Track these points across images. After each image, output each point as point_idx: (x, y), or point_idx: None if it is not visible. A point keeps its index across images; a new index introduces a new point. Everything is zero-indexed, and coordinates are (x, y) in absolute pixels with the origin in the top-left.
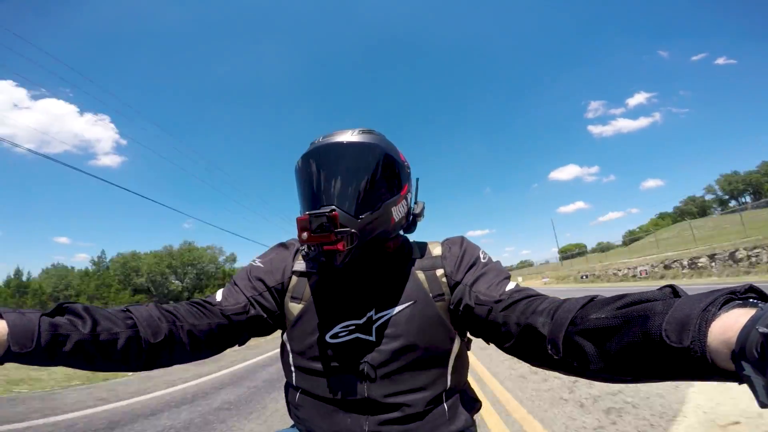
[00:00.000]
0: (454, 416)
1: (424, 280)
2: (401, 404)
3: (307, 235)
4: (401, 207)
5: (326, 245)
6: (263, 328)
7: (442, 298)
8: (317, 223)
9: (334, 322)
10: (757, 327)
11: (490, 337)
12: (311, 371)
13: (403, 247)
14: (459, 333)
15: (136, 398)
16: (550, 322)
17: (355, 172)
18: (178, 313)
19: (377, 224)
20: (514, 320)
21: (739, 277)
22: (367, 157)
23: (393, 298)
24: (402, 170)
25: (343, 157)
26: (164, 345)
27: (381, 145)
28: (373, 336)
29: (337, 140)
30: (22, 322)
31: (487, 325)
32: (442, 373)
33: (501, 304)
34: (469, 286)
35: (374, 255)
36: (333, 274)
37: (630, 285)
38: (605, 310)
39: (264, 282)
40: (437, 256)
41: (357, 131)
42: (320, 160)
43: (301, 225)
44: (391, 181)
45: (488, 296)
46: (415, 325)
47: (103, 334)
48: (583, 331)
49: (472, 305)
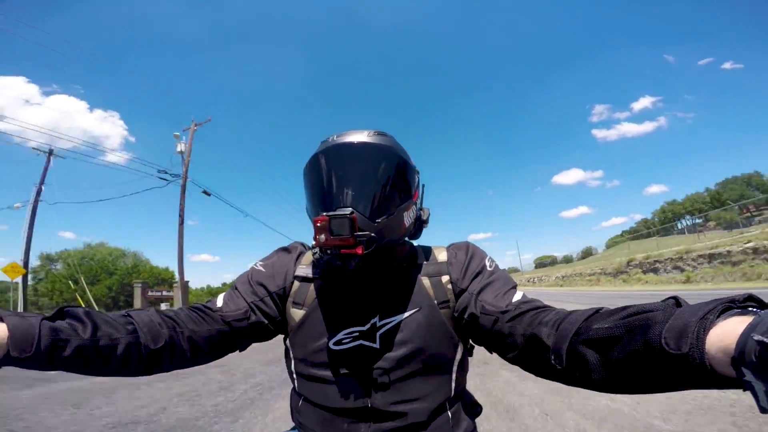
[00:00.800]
0: (458, 423)
1: (430, 286)
2: (405, 413)
3: (326, 237)
4: (411, 213)
5: (345, 249)
6: (264, 333)
7: (447, 305)
8: (337, 226)
9: (337, 328)
10: (752, 335)
11: (494, 346)
12: (313, 378)
13: (409, 253)
14: (462, 340)
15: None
16: (555, 333)
17: (373, 175)
18: (178, 318)
19: (391, 229)
20: (520, 332)
21: (617, 286)
22: (384, 159)
23: (397, 305)
24: (413, 175)
25: (361, 159)
26: (164, 351)
27: (395, 148)
28: (377, 343)
29: (354, 140)
30: (23, 326)
31: (492, 335)
32: (445, 381)
33: (507, 314)
34: (475, 294)
35: (382, 261)
36: (336, 280)
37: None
38: (608, 320)
39: (265, 287)
40: (443, 261)
41: (372, 132)
42: (337, 159)
43: (320, 227)
44: (405, 186)
45: (495, 306)
46: (419, 332)
47: (103, 340)
48: (586, 340)
49: (477, 314)
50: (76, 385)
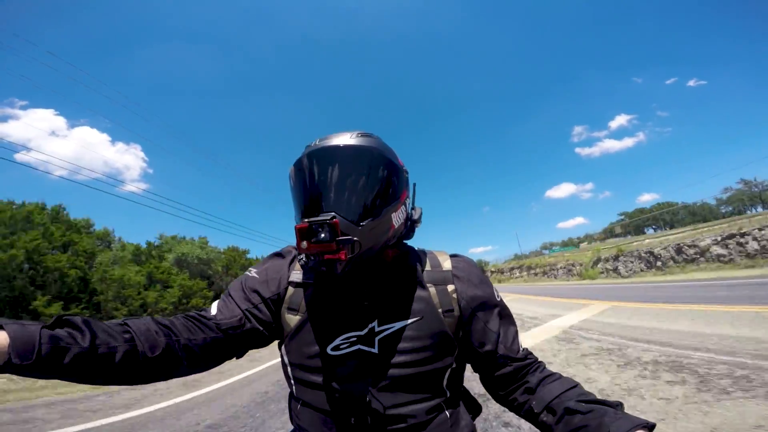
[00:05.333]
0: (456, 423)
1: (435, 294)
2: (404, 416)
3: (307, 244)
4: (401, 213)
5: (327, 254)
6: (260, 340)
7: (452, 314)
8: (317, 232)
9: (334, 334)
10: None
11: (485, 375)
12: (311, 384)
13: (404, 256)
14: (458, 344)
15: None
16: (534, 399)
17: (356, 177)
18: (174, 326)
19: (378, 231)
20: (523, 390)
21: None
22: (367, 161)
23: (399, 311)
24: (401, 175)
25: (343, 162)
26: (161, 359)
27: (380, 148)
28: (375, 348)
29: (335, 143)
30: (23, 334)
31: (491, 369)
32: (443, 382)
33: (519, 364)
34: (491, 330)
35: (373, 263)
36: (331, 284)
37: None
38: (578, 398)
39: (259, 293)
40: (448, 270)
41: (355, 134)
42: (318, 164)
43: (300, 233)
44: (391, 186)
45: (509, 351)
46: (420, 340)
47: (101, 348)
48: (551, 409)
49: (496, 354)
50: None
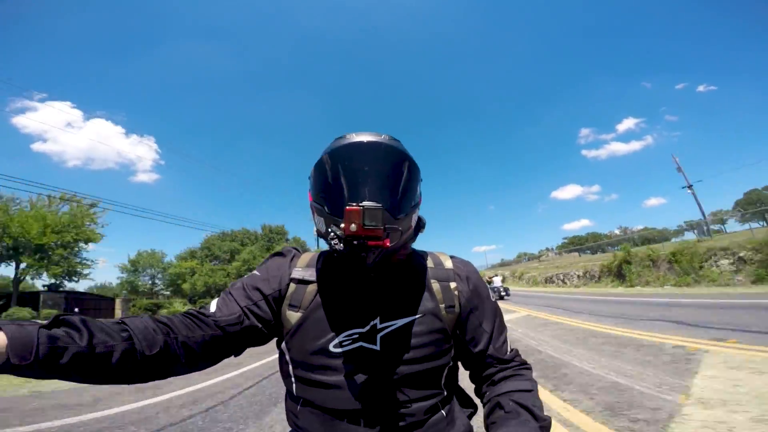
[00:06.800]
0: (452, 422)
1: (439, 290)
2: (403, 414)
3: (357, 226)
4: (416, 216)
5: (372, 240)
6: (259, 338)
7: (453, 311)
8: (370, 216)
9: (336, 330)
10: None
11: (473, 373)
12: (312, 381)
13: (408, 256)
14: (454, 342)
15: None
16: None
17: (397, 175)
18: (172, 324)
19: (405, 228)
20: (499, 392)
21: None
22: (403, 162)
23: (401, 308)
24: (420, 182)
25: (386, 158)
26: (160, 357)
27: (409, 154)
28: (377, 345)
29: (377, 140)
30: (21, 334)
31: (480, 368)
32: (441, 381)
33: (505, 367)
34: (485, 330)
35: (385, 261)
36: (333, 281)
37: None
38: (514, 399)
39: (260, 290)
40: (450, 268)
41: (388, 136)
42: (365, 155)
43: (351, 216)
44: (416, 189)
45: (499, 353)
46: (422, 336)
47: (99, 347)
48: (494, 401)
49: (486, 353)
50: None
